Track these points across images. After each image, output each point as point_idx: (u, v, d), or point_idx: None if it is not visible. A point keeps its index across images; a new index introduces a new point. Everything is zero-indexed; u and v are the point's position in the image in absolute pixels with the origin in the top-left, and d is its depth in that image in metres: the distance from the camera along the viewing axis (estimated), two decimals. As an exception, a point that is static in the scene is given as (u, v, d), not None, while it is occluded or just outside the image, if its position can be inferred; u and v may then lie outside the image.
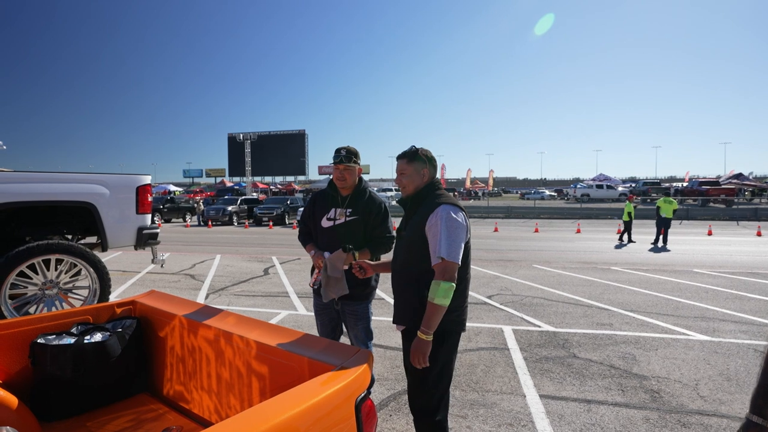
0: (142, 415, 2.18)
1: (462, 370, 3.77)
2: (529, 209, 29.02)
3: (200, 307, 2.31)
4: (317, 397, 1.32)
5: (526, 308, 5.87)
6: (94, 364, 2.13)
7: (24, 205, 4.40)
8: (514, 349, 4.31)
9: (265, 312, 5.75)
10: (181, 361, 2.22)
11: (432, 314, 1.93)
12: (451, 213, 2.00)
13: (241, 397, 1.91)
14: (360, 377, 1.50)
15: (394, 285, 2.21)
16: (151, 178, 5.38)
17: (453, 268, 1.94)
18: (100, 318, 2.41)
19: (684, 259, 10.42)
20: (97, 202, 4.70)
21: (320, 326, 2.79)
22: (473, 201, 42.50)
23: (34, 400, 2.03)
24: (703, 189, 30.69)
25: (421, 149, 2.20)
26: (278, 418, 1.19)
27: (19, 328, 2.13)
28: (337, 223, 2.63)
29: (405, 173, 2.19)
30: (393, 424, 2.92)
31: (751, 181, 39.40)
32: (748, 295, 6.59)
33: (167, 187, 47.42)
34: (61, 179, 4.63)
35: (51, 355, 2.05)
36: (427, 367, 2.01)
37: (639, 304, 6.11)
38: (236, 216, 23.03)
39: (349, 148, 2.63)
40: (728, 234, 16.41)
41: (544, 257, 10.61)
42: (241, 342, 1.89)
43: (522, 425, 2.90)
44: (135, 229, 5.01)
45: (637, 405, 3.18)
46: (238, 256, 11.04)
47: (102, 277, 4.66)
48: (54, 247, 4.38)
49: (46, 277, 4.43)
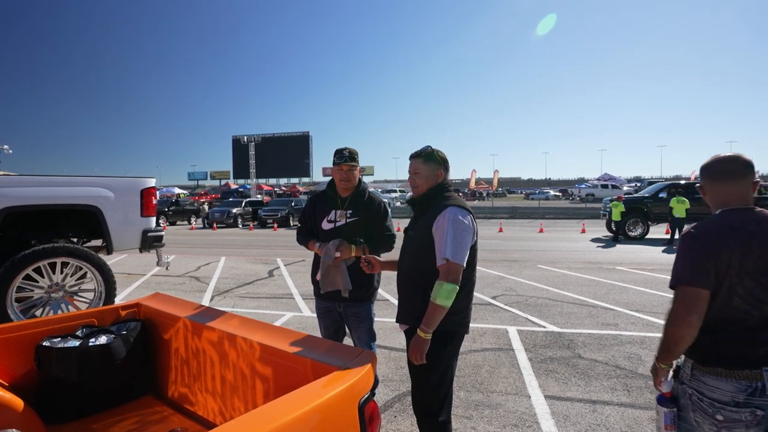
0: (146, 418, 2.19)
1: (467, 371, 3.76)
2: (533, 209, 28.92)
3: (204, 310, 2.32)
4: (321, 398, 1.32)
5: (531, 309, 5.85)
6: (99, 367, 2.14)
7: (29, 208, 4.43)
8: (519, 350, 4.29)
9: (269, 314, 5.76)
10: (186, 364, 2.22)
11: (433, 314, 1.93)
12: (458, 215, 1.99)
13: (245, 398, 1.91)
14: (363, 379, 1.50)
15: (400, 285, 2.21)
16: (156, 180, 5.41)
17: (457, 269, 1.94)
18: (104, 321, 2.42)
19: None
20: (102, 205, 4.72)
21: (323, 328, 2.78)
22: (478, 201, 42.38)
23: (39, 403, 2.04)
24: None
25: (436, 150, 2.19)
26: (282, 420, 1.19)
27: (24, 331, 2.15)
28: (338, 224, 2.63)
29: (419, 173, 2.17)
30: (397, 425, 2.92)
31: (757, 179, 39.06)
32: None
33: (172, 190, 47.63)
34: (66, 183, 4.66)
35: (56, 357, 2.06)
36: (430, 368, 2.01)
37: (644, 304, 6.07)
38: (241, 218, 23.08)
39: (351, 149, 2.63)
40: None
41: (549, 257, 10.57)
42: (245, 344, 1.90)
43: (527, 426, 2.89)
44: (140, 232, 5.03)
45: (642, 405, 3.15)
46: (242, 258, 11.07)
47: (107, 279, 4.68)
48: (60, 250, 4.40)
49: (52, 280, 4.46)
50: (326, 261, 2.51)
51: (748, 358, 1.44)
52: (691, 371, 1.55)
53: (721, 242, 1.46)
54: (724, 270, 1.45)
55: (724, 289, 1.46)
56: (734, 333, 1.47)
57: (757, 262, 1.43)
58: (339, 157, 2.60)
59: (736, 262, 1.44)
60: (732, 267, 1.44)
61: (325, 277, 2.55)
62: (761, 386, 1.40)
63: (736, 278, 1.44)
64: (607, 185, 39.16)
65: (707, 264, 1.46)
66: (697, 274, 1.48)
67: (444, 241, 1.95)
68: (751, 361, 1.44)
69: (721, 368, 1.47)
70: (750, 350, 1.45)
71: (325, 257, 2.51)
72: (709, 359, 1.50)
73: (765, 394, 1.40)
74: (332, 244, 2.53)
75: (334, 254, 2.50)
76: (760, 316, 1.44)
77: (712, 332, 1.49)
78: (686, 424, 1.58)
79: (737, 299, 1.45)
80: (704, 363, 1.51)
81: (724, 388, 1.45)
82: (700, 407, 1.51)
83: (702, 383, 1.50)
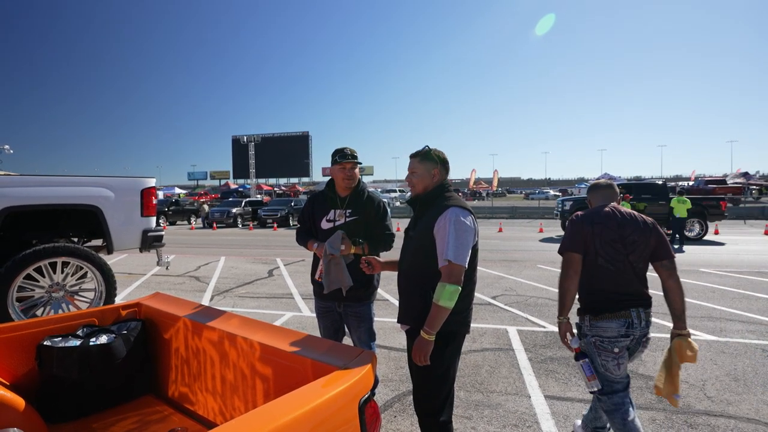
0: (147, 417, 2.20)
1: (467, 371, 3.76)
2: (533, 209, 28.91)
3: (204, 309, 2.32)
4: (321, 398, 1.32)
5: (531, 309, 5.85)
6: (99, 366, 2.15)
7: (30, 208, 4.43)
8: (518, 350, 4.29)
9: (269, 313, 5.77)
10: (186, 363, 2.23)
11: (436, 315, 1.93)
12: (460, 216, 1.99)
13: (246, 398, 1.91)
14: (363, 378, 1.50)
15: (401, 285, 2.22)
16: (156, 180, 5.41)
17: (459, 271, 1.94)
18: (105, 320, 2.43)
19: (691, 258, 10.34)
20: (102, 205, 4.73)
21: (323, 329, 2.79)
22: (477, 201, 42.40)
23: (40, 402, 2.04)
24: (710, 188, 30.46)
25: (434, 149, 2.19)
26: (282, 420, 1.20)
27: (25, 330, 2.15)
28: (337, 224, 2.63)
29: (416, 172, 2.19)
30: (398, 425, 2.92)
31: (757, 179, 39.10)
32: (756, 295, 6.53)
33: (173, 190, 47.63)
34: (67, 183, 4.66)
35: (57, 357, 2.06)
36: (432, 368, 2.01)
37: (645, 304, 6.06)
38: (241, 218, 23.08)
39: (351, 149, 2.64)
40: (735, 233, 16.26)
41: (549, 257, 10.57)
42: (245, 344, 1.90)
43: (527, 426, 2.89)
44: (140, 232, 5.04)
45: (643, 406, 3.16)
46: (242, 257, 11.08)
47: (108, 279, 4.69)
48: (60, 250, 4.41)
49: (52, 280, 4.47)
50: (333, 253, 2.46)
51: (616, 301, 2.24)
52: (590, 323, 2.29)
53: (585, 224, 2.31)
54: (590, 241, 2.27)
55: (591, 254, 2.27)
56: (603, 281, 2.27)
57: (609, 235, 2.26)
58: (342, 155, 2.60)
59: (598, 236, 2.26)
60: (594, 239, 2.26)
61: (327, 275, 2.51)
62: (630, 321, 2.22)
63: (599, 246, 2.26)
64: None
65: (577, 237, 2.30)
66: (573, 244, 2.30)
67: (446, 242, 1.95)
68: (621, 305, 2.23)
69: (607, 313, 2.24)
70: (614, 293, 2.25)
71: (331, 249, 2.47)
72: (598, 309, 2.27)
73: (633, 326, 2.23)
74: (337, 236, 2.49)
75: (340, 246, 2.47)
76: (616, 269, 2.25)
77: (594, 291, 2.29)
78: (597, 372, 2.28)
79: (600, 259, 2.26)
80: (596, 313, 2.27)
81: (612, 327, 2.23)
82: (602, 347, 2.25)
83: (598, 328, 2.26)
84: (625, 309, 2.22)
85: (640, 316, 2.23)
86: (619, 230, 2.25)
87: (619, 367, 2.25)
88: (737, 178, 37.01)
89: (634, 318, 2.22)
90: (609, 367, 2.25)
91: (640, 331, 2.25)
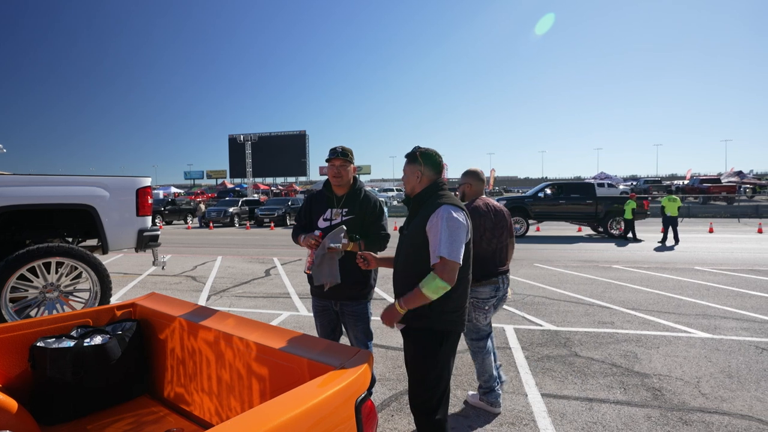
0: (142, 418, 2.18)
1: (464, 369, 3.77)
2: (529, 208, 28.90)
3: (200, 309, 2.31)
4: (317, 398, 1.32)
5: (528, 307, 5.87)
6: (94, 367, 2.13)
7: (24, 208, 4.40)
8: (515, 348, 4.30)
9: (266, 313, 5.75)
10: (182, 364, 2.22)
11: (415, 297, 1.99)
12: (452, 212, 2.00)
13: (242, 398, 1.91)
14: (360, 378, 1.50)
15: (396, 284, 2.22)
16: (152, 180, 5.38)
17: (453, 267, 1.94)
18: (100, 321, 2.41)
19: (685, 256, 10.40)
20: (97, 204, 4.70)
21: (319, 327, 2.78)
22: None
23: (34, 404, 2.03)
24: (705, 186, 30.64)
25: (420, 150, 2.20)
26: (278, 420, 1.19)
27: (18, 331, 2.13)
28: (333, 223, 2.63)
29: (405, 173, 2.25)
30: (395, 424, 2.92)
31: (750, 178, 39.35)
32: (750, 292, 6.58)
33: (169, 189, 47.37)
34: (61, 182, 4.62)
35: (51, 358, 2.04)
36: (427, 366, 2.02)
37: (640, 302, 6.10)
38: (237, 217, 23.02)
39: (344, 147, 2.63)
40: (729, 231, 16.38)
41: (546, 256, 10.60)
42: (241, 344, 1.89)
43: (524, 424, 2.90)
44: (135, 232, 5.01)
45: (638, 403, 3.17)
46: (239, 257, 11.05)
47: (103, 279, 4.65)
48: (54, 250, 4.37)
49: (46, 280, 4.44)
50: (334, 246, 2.44)
51: (492, 272, 2.95)
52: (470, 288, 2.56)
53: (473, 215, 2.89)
54: (480, 228, 2.91)
55: (478, 237, 2.90)
56: (484, 259, 2.90)
57: (490, 223, 2.98)
58: (331, 153, 2.62)
59: (486, 224, 2.95)
60: (481, 226, 2.92)
61: (319, 267, 2.50)
62: (498, 286, 2.98)
63: (486, 232, 2.95)
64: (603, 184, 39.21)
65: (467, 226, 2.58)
66: None
67: (438, 239, 1.96)
68: (492, 274, 2.95)
69: (483, 280, 2.91)
70: (491, 266, 2.96)
71: (332, 242, 2.45)
72: (477, 276, 2.79)
73: (500, 289, 2.99)
74: (339, 230, 2.47)
75: (342, 240, 2.45)
76: (492, 249, 2.98)
77: (477, 264, 2.59)
78: (470, 323, 2.98)
79: (484, 242, 2.94)
80: (476, 280, 2.78)
81: (486, 290, 2.94)
82: (477, 306, 2.95)
83: (476, 292, 2.90)
84: (495, 276, 2.98)
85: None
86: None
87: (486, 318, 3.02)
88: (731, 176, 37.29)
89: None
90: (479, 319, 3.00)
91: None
